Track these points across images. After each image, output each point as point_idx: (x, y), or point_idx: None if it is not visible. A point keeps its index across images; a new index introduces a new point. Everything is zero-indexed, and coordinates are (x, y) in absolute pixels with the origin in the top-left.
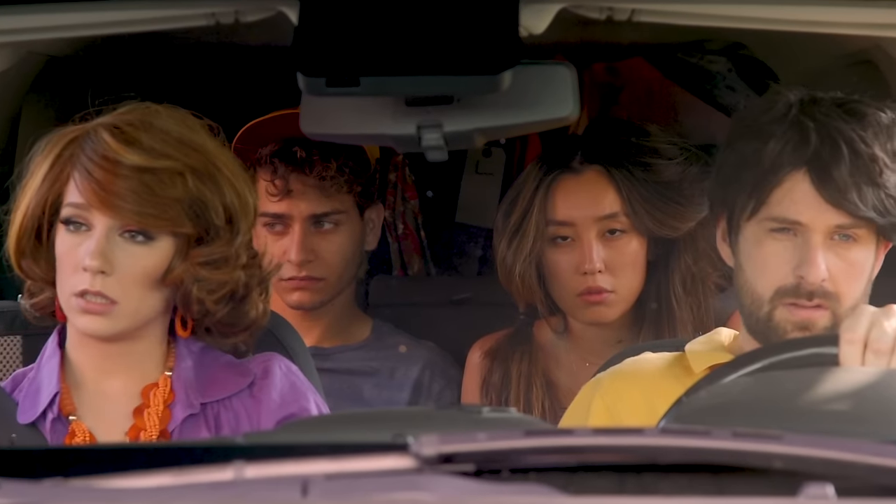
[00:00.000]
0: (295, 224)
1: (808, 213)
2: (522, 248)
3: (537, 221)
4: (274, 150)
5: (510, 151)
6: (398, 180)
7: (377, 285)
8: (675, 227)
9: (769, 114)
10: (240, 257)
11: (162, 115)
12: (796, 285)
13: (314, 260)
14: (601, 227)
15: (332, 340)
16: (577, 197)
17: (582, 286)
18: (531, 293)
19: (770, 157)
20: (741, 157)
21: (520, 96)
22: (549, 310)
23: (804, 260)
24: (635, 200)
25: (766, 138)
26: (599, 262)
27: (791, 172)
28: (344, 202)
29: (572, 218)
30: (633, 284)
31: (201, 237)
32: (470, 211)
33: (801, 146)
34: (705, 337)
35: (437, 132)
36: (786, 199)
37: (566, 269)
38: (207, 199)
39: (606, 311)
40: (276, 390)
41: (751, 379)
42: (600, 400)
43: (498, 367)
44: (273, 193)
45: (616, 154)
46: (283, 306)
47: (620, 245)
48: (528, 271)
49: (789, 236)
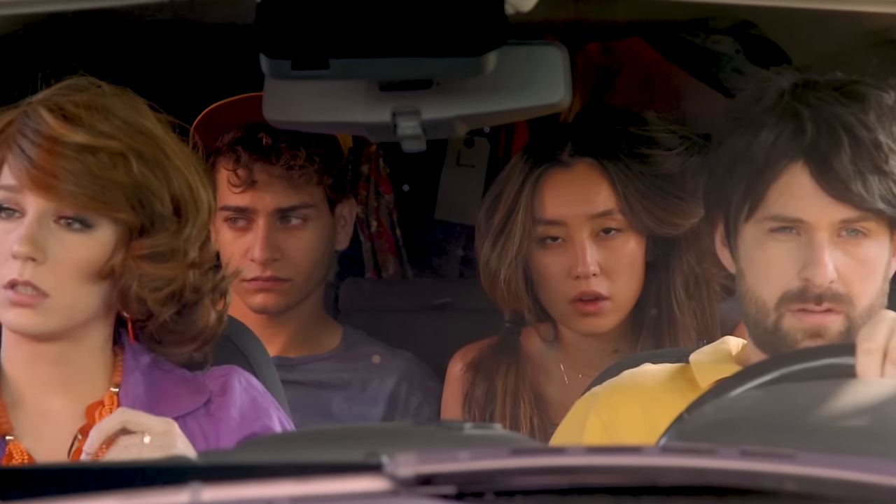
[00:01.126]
0: (259, 219)
1: (809, 209)
2: (507, 250)
3: (524, 221)
4: (236, 137)
5: (495, 141)
6: (371, 173)
7: (348, 289)
8: (675, 225)
9: (760, 103)
10: (188, 254)
11: (107, 94)
12: (803, 289)
13: (280, 259)
14: (595, 226)
15: (299, 350)
16: (568, 193)
17: (574, 291)
18: (518, 300)
19: (763, 151)
20: (733, 154)
21: (505, 80)
22: (538, 317)
23: (809, 261)
24: (632, 196)
25: (757, 130)
26: (594, 265)
27: (788, 165)
28: (313, 195)
29: (563, 216)
30: (631, 289)
31: (144, 228)
32: (451, 207)
33: (796, 136)
34: (711, 347)
35: (414, 120)
36: (784, 195)
37: (557, 272)
38: (153, 187)
39: (601, 322)
40: (235, 408)
41: (760, 392)
42: (596, 416)
43: (481, 380)
44: (235, 184)
45: (609, 145)
46: (244, 311)
47: (616, 245)
48: (515, 276)
49: (792, 236)
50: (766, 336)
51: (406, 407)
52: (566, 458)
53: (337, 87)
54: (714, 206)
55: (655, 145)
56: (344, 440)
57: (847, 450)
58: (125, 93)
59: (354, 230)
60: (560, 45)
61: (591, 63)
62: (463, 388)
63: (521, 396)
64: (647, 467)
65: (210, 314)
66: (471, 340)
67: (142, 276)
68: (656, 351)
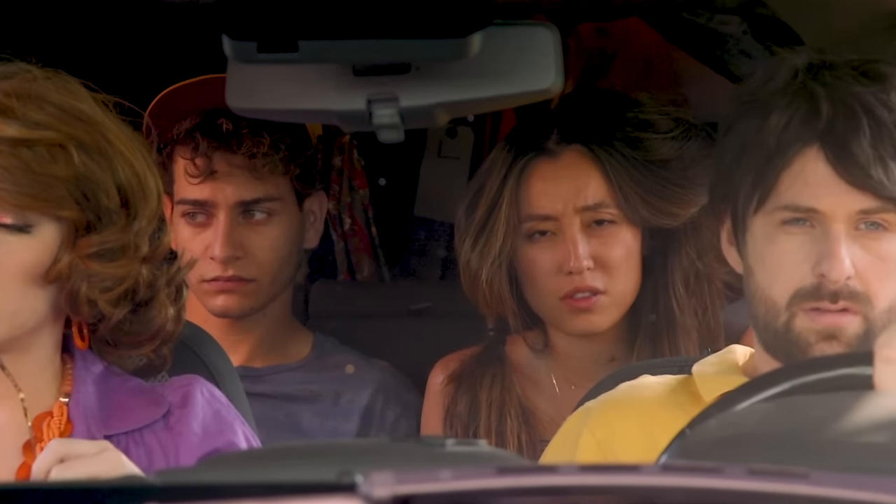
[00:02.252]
0: (219, 213)
1: (825, 198)
2: (490, 248)
3: (508, 216)
4: (194, 124)
5: (480, 131)
6: (344, 166)
7: (319, 292)
8: (674, 215)
9: (771, 83)
10: (139, 248)
11: (38, 79)
12: (817, 285)
13: (242, 257)
14: (586, 218)
15: (265, 359)
16: (556, 185)
17: (567, 287)
18: (501, 303)
19: (774, 135)
20: (742, 142)
21: (491, 64)
22: (525, 323)
23: (824, 255)
24: (625, 184)
25: (768, 113)
26: (587, 259)
27: (801, 150)
28: (279, 187)
29: (552, 210)
30: (627, 284)
31: (91, 224)
32: (431, 203)
33: (810, 117)
34: (716, 356)
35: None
36: (797, 182)
37: (547, 268)
38: (97, 178)
39: (597, 319)
40: (197, 421)
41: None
42: (590, 433)
43: (464, 393)
44: (194, 175)
45: (599, 130)
46: (205, 315)
47: (610, 237)
48: (498, 276)
49: (805, 228)
50: (777, 339)
51: (382, 421)
52: (557, 477)
53: (307, 71)
54: (720, 201)
55: (650, 129)
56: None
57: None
58: (57, 75)
59: (326, 228)
60: (551, 26)
61: (585, 45)
62: (444, 402)
63: (508, 411)
64: (645, 487)
65: (167, 311)
66: (453, 349)
67: (91, 276)
68: (656, 361)
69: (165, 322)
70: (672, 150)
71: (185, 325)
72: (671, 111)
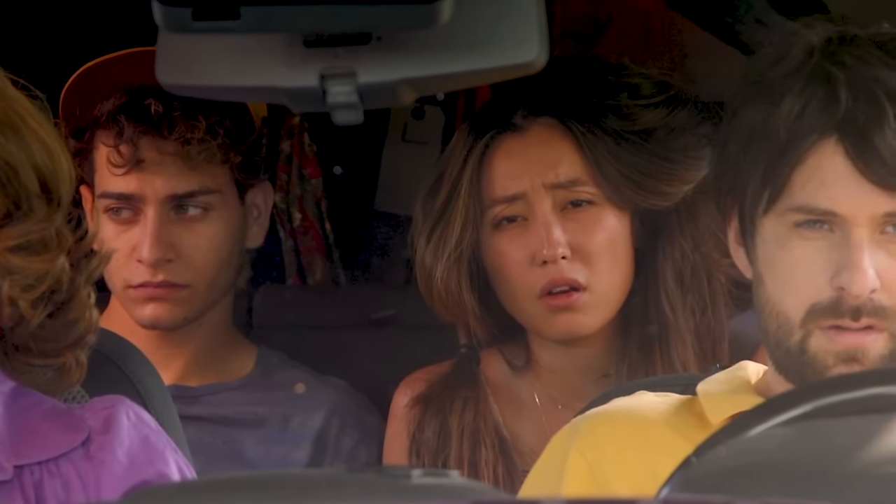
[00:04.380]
0: (148, 208)
1: (844, 198)
2: (445, 240)
3: (467, 203)
4: (118, 105)
5: (450, 111)
6: (294, 152)
7: (264, 299)
8: (663, 194)
9: (783, 63)
10: (64, 240)
11: None
12: (836, 300)
13: (175, 259)
14: (560, 198)
15: (201, 376)
16: (524, 161)
17: (542, 281)
18: (459, 306)
19: (786, 124)
20: (749, 128)
21: (464, 34)
22: (496, 333)
23: (845, 264)
24: (603, 158)
25: (779, 98)
26: (562, 246)
27: (816, 143)
28: (217, 178)
29: (517, 188)
30: (613, 278)
31: (10, 212)
32: (395, 195)
33: (827, 105)
34: (724, 373)
35: (349, 84)
36: (812, 180)
37: (517, 260)
38: (14, 159)
39: (581, 320)
40: (122, 448)
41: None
42: (579, 455)
43: (432, 418)
44: (118, 165)
45: (571, 99)
46: (131, 326)
47: (589, 220)
48: (455, 274)
49: (822, 232)
50: (790, 359)
51: (338, 449)
52: None
53: (250, 42)
54: (726, 193)
55: (629, 94)
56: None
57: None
58: None
59: (272, 224)
60: None
61: (574, 12)
62: (409, 428)
63: (482, 439)
64: None
65: (90, 312)
66: (421, 365)
67: (12, 272)
68: (658, 378)
69: (90, 325)
70: (657, 118)
71: (109, 338)
72: (654, 74)
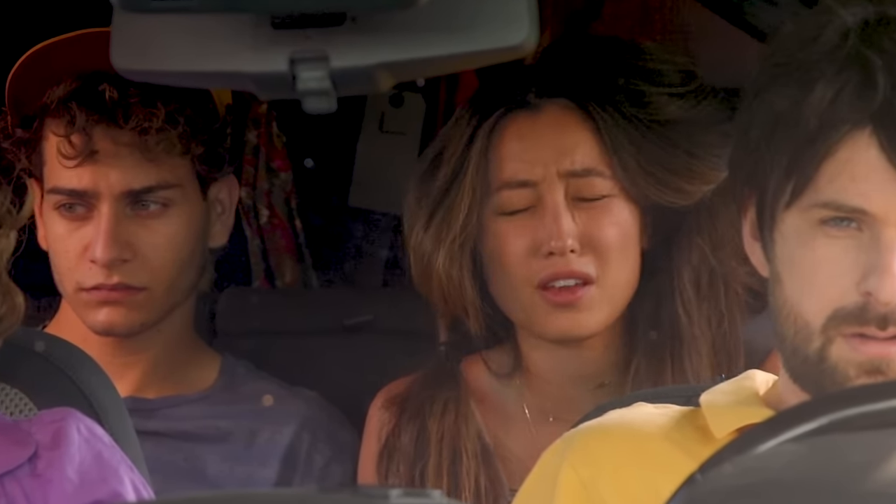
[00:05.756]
0: (102, 204)
1: (876, 196)
2: (450, 225)
3: (474, 184)
4: (70, 91)
5: (432, 99)
6: (261, 143)
7: (229, 303)
8: (682, 191)
9: (815, 45)
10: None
11: None
12: (862, 306)
13: (131, 259)
14: (573, 187)
15: (160, 388)
16: (536, 144)
17: (543, 272)
18: (461, 297)
19: (816, 112)
20: (773, 114)
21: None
22: (490, 329)
23: (874, 267)
24: (623, 148)
25: (809, 83)
26: (571, 238)
27: (849, 134)
28: (177, 172)
29: (530, 174)
30: (621, 275)
31: None
32: (371, 190)
33: (863, 93)
34: (730, 383)
35: (321, 69)
36: (842, 175)
37: (520, 249)
38: None
39: (583, 319)
40: (72, 465)
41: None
42: (572, 471)
43: (409, 422)
44: (69, 156)
45: (591, 80)
46: (83, 333)
47: (602, 215)
48: (459, 261)
49: (850, 231)
50: (807, 368)
51: (308, 466)
52: None
53: (213, 23)
54: (744, 184)
55: (655, 81)
56: None
57: None
58: None
59: (237, 221)
60: None
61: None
62: (383, 435)
63: (463, 444)
64: None
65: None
66: (399, 374)
67: None
68: (660, 390)
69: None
70: (682, 110)
71: (59, 345)
72: (681, 62)
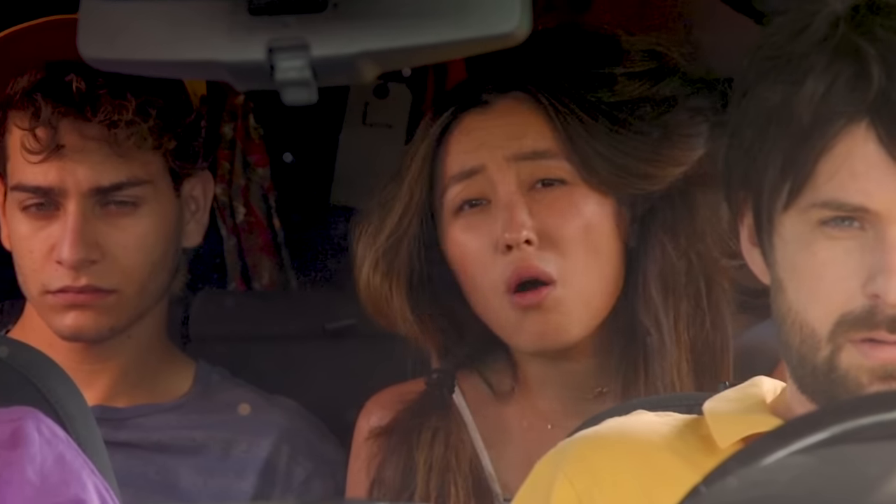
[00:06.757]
0: (68, 202)
1: (878, 192)
2: (380, 228)
3: (412, 185)
4: (35, 82)
5: (419, 90)
6: (237, 136)
7: (203, 306)
8: (649, 177)
9: (804, 36)
10: None
11: None
12: (870, 309)
13: (99, 260)
14: (526, 173)
15: (131, 396)
16: (484, 134)
17: (507, 272)
18: (386, 305)
19: (809, 106)
20: (765, 111)
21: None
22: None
23: (880, 268)
24: (576, 131)
25: (800, 76)
26: (526, 229)
27: (845, 128)
28: (148, 167)
29: (476, 161)
30: (592, 272)
31: None
32: (353, 186)
33: (857, 84)
34: (735, 391)
35: (301, 57)
36: (841, 171)
37: (479, 249)
38: None
39: (556, 321)
40: (32, 467)
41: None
42: (567, 483)
43: (393, 452)
44: (34, 151)
45: (546, 71)
46: (49, 338)
47: (560, 201)
48: (382, 267)
49: (852, 231)
50: (816, 378)
51: (288, 480)
52: None
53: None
54: (738, 186)
55: (613, 62)
56: None
57: None
58: None
59: (212, 220)
60: None
61: None
62: (370, 466)
63: (452, 477)
64: None
65: None
66: (383, 382)
67: None
68: (662, 397)
69: None
70: (641, 89)
71: (23, 351)
72: (640, 41)
